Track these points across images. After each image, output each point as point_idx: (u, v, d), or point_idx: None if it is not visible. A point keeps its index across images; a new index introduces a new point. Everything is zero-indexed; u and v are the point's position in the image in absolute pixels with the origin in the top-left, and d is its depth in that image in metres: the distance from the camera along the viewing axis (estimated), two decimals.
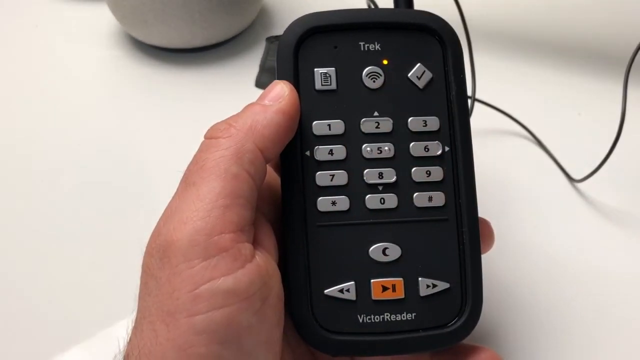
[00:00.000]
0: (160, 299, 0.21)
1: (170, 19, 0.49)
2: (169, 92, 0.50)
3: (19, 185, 0.43)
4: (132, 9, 0.50)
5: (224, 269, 0.21)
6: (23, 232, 0.40)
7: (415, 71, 0.26)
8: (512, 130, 0.46)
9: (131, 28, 0.53)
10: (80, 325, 0.34)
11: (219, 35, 0.53)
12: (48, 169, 0.44)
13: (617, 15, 0.57)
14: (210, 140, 0.24)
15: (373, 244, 0.26)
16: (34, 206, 0.41)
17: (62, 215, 0.41)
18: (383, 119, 0.26)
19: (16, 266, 0.38)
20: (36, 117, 0.48)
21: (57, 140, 0.46)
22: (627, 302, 0.35)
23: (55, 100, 0.50)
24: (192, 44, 0.52)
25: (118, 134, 0.47)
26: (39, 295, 0.36)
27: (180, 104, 0.49)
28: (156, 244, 0.22)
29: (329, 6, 0.28)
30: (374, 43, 0.27)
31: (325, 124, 0.26)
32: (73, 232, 0.40)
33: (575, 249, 0.38)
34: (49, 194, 0.42)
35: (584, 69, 0.51)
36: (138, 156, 0.45)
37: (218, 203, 0.22)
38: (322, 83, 0.26)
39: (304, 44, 0.26)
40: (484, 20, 0.56)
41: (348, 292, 0.25)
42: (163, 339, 0.21)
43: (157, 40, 0.52)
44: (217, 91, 0.50)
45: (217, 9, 0.50)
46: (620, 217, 0.40)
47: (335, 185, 0.26)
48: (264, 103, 0.25)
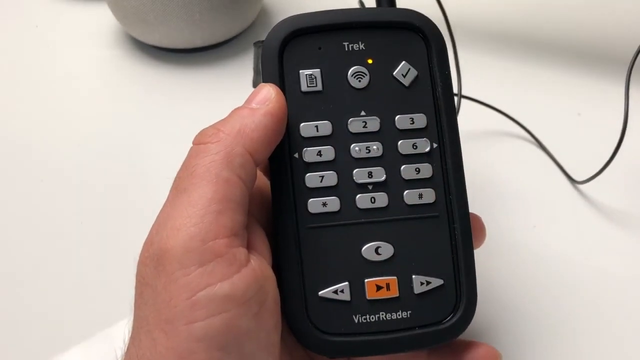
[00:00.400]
0: (158, 308, 0.21)
1: (170, 19, 0.49)
2: (169, 92, 0.50)
3: (19, 185, 0.43)
4: (132, 9, 0.50)
5: (220, 275, 0.21)
6: (23, 232, 0.40)
7: (400, 69, 0.26)
8: (512, 132, 0.45)
9: (131, 28, 0.53)
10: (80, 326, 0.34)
11: (219, 35, 0.53)
12: (48, 169, 0.44)
13: (619, 14, 0.57)
14: (199, 145, 0.24)
15: (365, 243, 0.26)
16: (33, 206, 0.41)
17: (62, 215, 0.41)
18: (370, 118, 0.26)
19: (16, 266, 0.38)
20: (36, 117, 0.48)
21: (57, 141, 0.46)
22: (627, 304, 0.35)
23: (55, 100, 0.50)
24: (192, 44, 0.52)
25: (118, 134, 0.47)
26: (39, 295, 0.36)
27: (180, 104, 0.49)
28: (149, 252, 0.22)
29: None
30: (358, 43, 0.27)
31: (313, 126, 0.26)
32: (73, 232, 0.40)
33: (577, 251, 0.38)
34: (49, 194, 0.42)
35: (584, 69, 0.51)
36: (138, 156, 0.45)
37: (210, 208, 0.22)
38: (307, 85, 0.26)
39: (288, 46, 0.26)
40: (484, 20, 0.56)
41: (342, 292, 0.25)
42: (162, 348, 0.21)
43: (157, 40, 0.52)
44: (217, 91, 0.50)
45: (217, 9, 0.50)
46: (622, 220, 0.39)
47: (325, 186, 0.26)
48: (251, 106, 0.25)
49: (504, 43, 0.54)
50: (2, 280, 0.37)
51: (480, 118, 0.45)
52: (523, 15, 0.57)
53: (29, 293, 0.36)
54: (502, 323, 0.34)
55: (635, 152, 0.42)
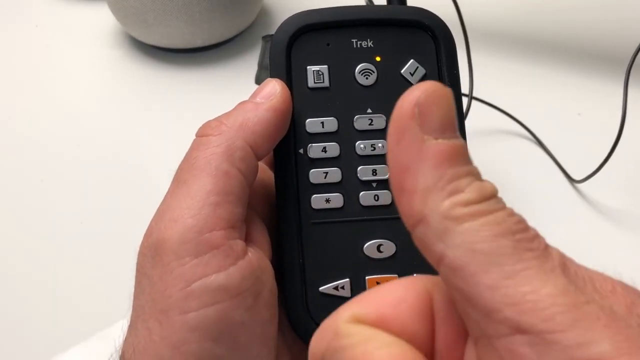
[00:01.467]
0: (153, 297, 0.22)
1: (170, 19, 0.49)
2: (169, 91, 0.50)
3: (19, 185, 0.43)
4: (132, 9, 0.50)
5: (215, 266, 0.22)
6: (22, 233, 0.40)
7: (408, 67, 0.26)
8: (512, 130, 0.46)
9: (131, 28, 0.53)
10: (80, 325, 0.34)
11: (219, 35, 0.53)
12: (48, 169, 0.44)
13: (618, 14, 0.57)
14: (201, 138, 0.24)
15: (367, 240, 0.25)
16: (33, 206, 0.41)
17: (62, 215, 0.41)
18: (376, 116, 0.26)
19: (16, 266, 0.38)
20: (36, 116, 0.48)
21: (57, 140, 0.46)
22: None
23: (55, 100, 0.50)
24: (193, 44, 0.52)
25: (118, 134, 0.47)
26: (39, 295, 0.36)
27: (180, 103, 0.49)
28: (148, 242, 0.23)
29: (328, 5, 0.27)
30: (366, 40, 0.26)
31: (319, 122, 0.26)
32: (73, 231, 0.39)
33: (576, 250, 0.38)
34: (49, 194, 0.42)
35: (584, 69, 0.51)
36: (138, 155, 0.45)
37: (209, 200, 0.22)
38: (314, 81, 0.26)
39: (297, 42, 0.26)
40: (484, 20, 0.56)
41: (343, 289, 0.25)
42: (157, 337, 0.21)
43: (157, 41, 0.52)
44: (217, 91, 0.50)
45: (217, 9, 0.50)
46: (620, 218, 0.39)
47: (329, 183, 0.26)
48: (255, 101, 0.25)
49: (504, 43, 0.54)
50: (2, 280, 0.37)
51: (482, 117, 0.46)
52: (524, 16, 0.57)
53: (29, 293, 0.36)
54: None
55: (633, 151, 0.42)
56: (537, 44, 0.54)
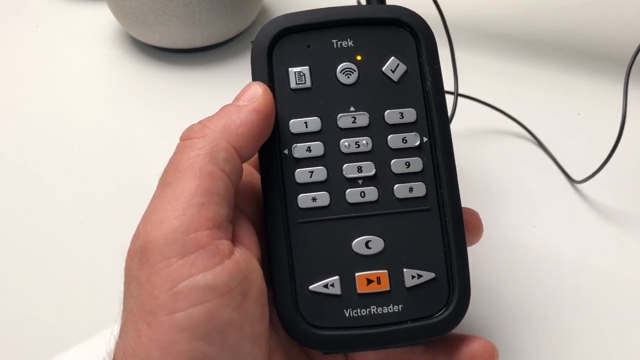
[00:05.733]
0: (141, 299, 0.22)
1: (170, 19, 0.49)
2: (169, 92, 0.50)
3: (19, 185, 0.43)
4: (132, 9, 0.50)
5: (202, 266, 0.22)
6: (23, 232, 0.40)
7: (389, 65, 0.27)
8: (512, 131, 0.45)
9: (131, 28, 0.53)
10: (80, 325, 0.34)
11: (219, 35, 0.53)
12: (48, 169, 0.44)
13: (618, 14, 0.57)
14: (185, 141, 0.24)
15: (356, 237, 0.26)
16: (33, 206, 0.41)
17: (62, 216, 0.41)
18: (359, 114, 0.26)
19: (16, 266, 0.38)
20: (36, 116, 0.49)
21: (57, 141, 0.46)
22: (627, 304, 0.35)
23: (55, 99, 0.50)
24: (193, 44, 0.52)
25: (118, 134, 0.47)
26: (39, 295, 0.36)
27: (180, 104, 0.49)
28: (135, 245, 0.23)
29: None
30: (346, 40, 0.27)
31: (302, 122, 0.26)
32: (73, 232, 0.40)
33: (575, 250, 0.38)
34: (49, 194, 0.42)
35: (584, 68, 0.51)
36: (139, 155, 0.45)
37: (193, 201, 0.22)
38: (296, 82, 0.26)
39: (277, 45, 0.27)
40: (484, 20, 0.56)
41: (333, 286, 0.25)
42: (146, 338, 0.21)
43: (157, 41, 0.52)
44: (217, 91, 0.50)
45: (217, 9, 0.50)
46: (621, 219, 0.39)
47: (314, 182, 0.26)
48: (238, 104, 0.25)
49: (504, 43, 0.54)
50: (2, 280, 0.37)
51: (481, 117, 0.46)
52: (524, 15, 0.57)
53: (29, 293, 0.36)
54: (501, 322, 0.34)
55: (633, 151, 0.42)
56: (538, 44, 0.54)
